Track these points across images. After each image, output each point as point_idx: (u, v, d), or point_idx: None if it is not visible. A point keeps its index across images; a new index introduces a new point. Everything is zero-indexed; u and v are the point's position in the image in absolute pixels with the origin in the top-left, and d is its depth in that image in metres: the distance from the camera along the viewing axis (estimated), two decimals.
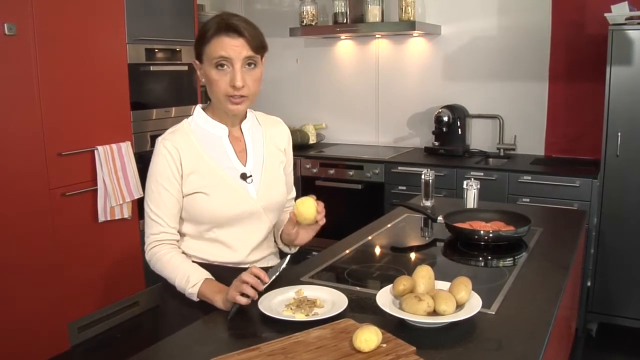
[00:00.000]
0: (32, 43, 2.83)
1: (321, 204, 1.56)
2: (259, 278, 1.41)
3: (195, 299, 1.53)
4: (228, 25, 1.49)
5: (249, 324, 1.33)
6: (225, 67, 1.50)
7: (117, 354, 3.11)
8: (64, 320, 3.11)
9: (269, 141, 1.72)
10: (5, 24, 2.69)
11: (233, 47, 1.49)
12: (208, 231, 1.62)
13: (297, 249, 1.73)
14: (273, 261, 1.74)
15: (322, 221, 1.57)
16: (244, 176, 1.63)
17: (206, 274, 1.55)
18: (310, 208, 1.53)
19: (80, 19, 3.08)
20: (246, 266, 1.61)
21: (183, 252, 1.62)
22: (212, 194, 1.58)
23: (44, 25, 2.87)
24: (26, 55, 2.82)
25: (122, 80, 3.35)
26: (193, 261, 1.60)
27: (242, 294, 1.40)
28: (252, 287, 1.39)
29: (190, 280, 1.52)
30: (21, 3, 2.77)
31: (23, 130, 2.84)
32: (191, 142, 1.60)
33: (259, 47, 1.54)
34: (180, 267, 1.55)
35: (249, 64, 1.52)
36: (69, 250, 3.09)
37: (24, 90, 2.83)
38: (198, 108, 1.67)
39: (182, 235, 1.65)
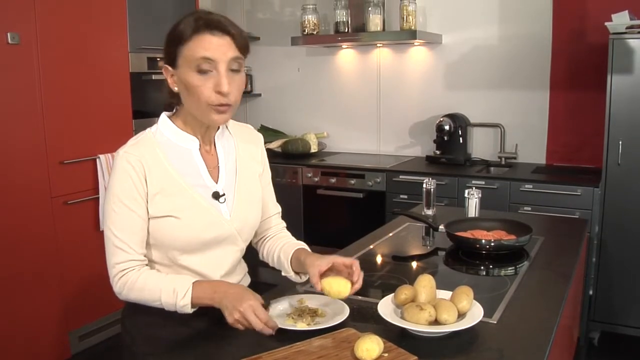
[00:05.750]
0: (35, 52, 2.85)
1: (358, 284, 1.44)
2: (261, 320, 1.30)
3: (189, 310, 1.34)
4: (210, 21, 1.31)
5: (250, 332, 1.33)
6: (209, 71, 1.31)
7: None
8: (66, 329, 3.11)
9: (243, 153, 1.54)
10: (8, 33, 2.71)
11: (218, 47, 1.30)
12: (176, 258, 1.42)
13: (307, 276, 1.52)
14: (246, 281, 1.62)
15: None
16: (216, 195, 1.44)
17: (191, 278, 1.37)
18: (345, 288, 1.42)
19: (83, 28, 3.09)
20: None
21: None
22: (183, 218, 1.38)
23: (46, 35, 2.89)
24: (29, 64, 2.83)
25: (124, 89, 3.36)
26: None
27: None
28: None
29: (178, 291, 1.33)
30: (24, 12, 2.79)
31: (25, 138, 2.85)
32: (157, 156, 1.40)
33: (245, 46, 1.37)
34: (161, 283, 1.35)
35: (233, 70, 1.34)
36: (71, 259, 3.09)
37: (27, 99, 2.84)
38: (163, 116, 1.45)
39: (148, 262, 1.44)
